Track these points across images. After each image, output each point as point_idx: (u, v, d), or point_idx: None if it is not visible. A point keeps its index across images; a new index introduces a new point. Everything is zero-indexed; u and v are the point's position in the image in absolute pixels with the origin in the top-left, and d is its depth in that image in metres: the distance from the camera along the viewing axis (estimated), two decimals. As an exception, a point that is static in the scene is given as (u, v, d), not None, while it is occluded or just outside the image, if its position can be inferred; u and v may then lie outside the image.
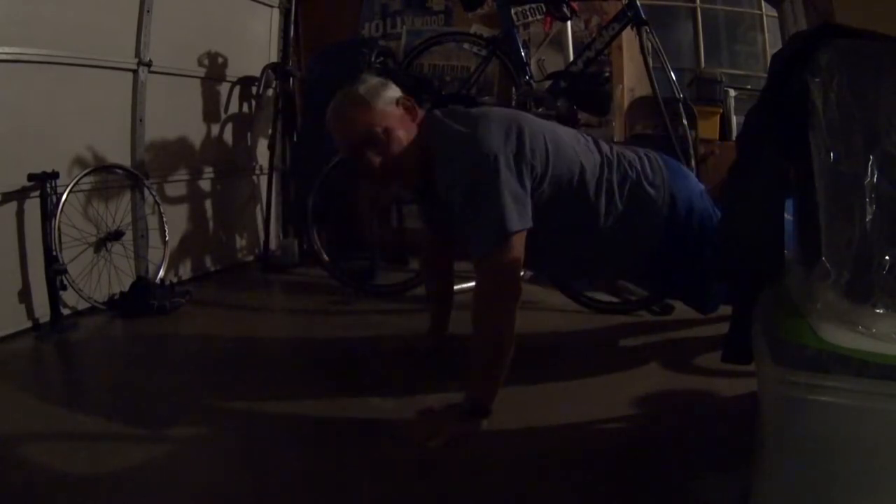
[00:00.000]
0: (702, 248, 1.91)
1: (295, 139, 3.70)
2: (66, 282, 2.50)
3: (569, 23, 3.55)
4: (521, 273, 1.70)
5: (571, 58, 3.35)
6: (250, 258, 3.78)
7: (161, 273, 2.99)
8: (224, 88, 3.56)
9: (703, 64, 4.06)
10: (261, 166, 3.82)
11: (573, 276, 1.86)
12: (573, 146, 1.84)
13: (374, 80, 1.80)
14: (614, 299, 2.61)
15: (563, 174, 1.79)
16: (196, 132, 3.40)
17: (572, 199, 1.81)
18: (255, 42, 3.80)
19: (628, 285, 2.55)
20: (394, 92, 1.78)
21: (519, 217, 1.64)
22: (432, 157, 1.74)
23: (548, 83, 2.93)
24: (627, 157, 1.91)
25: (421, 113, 1.81)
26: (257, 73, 3.62)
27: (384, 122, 1.72)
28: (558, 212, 1.79)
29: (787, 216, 1.28)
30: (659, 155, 2.01)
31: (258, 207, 3.85)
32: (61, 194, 2.50)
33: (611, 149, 1.92)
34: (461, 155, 1.68)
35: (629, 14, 2.79)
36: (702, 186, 2.07)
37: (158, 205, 3.03)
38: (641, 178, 1.88)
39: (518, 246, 1.65)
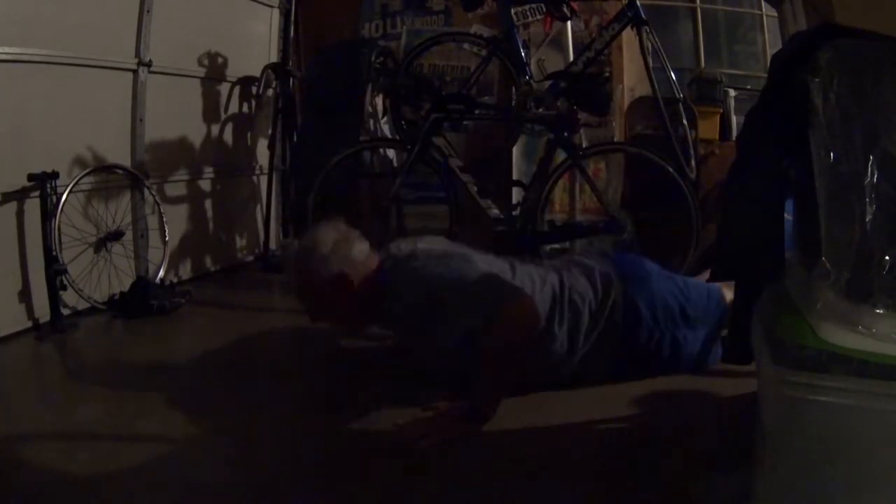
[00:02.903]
0: (675, 332, 1.93)
1: (295, 139, 3.70)
2: (66, 282, 2.50)
3: (569, 23, 3.55)
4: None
5: (571, 58, 3.35)
6: (250, 258, 3.78)
7: (161, 273, 2.99)
8: (224, 88, 3.56)
9: (703, 64, 4.07)
10: (261, 166, 3.82)
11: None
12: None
13: (328, 239, 1.89)
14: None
15: None
16: (196, 132, 3.41)
17: None
18: (255, 42, 3.80)
19: None
20: (344, 247, 1.88)
21: (505, 282, 1.76)
22: (383, 295, 1.85)
23: (548, 83, 2.93)
24: (578, 289, 1.90)
25: (374, 260, 1.91)
26: (257, 73, 3.62)
27: (337, 273, 1.83)
28: None
29: (787, 216, 1.28)
30: (610, 261, 2.03)
31: (258, 207, 3.85)
32: (61, 194, 2.50)
33: (560, 280, 1.91)
34: (409, 284, 1.79)
35: (629, 14, 2.79)
36: (658, 269, 2.06)
37: (158, 205, 3.03)
38: (594, 305, 1.89)
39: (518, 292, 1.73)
